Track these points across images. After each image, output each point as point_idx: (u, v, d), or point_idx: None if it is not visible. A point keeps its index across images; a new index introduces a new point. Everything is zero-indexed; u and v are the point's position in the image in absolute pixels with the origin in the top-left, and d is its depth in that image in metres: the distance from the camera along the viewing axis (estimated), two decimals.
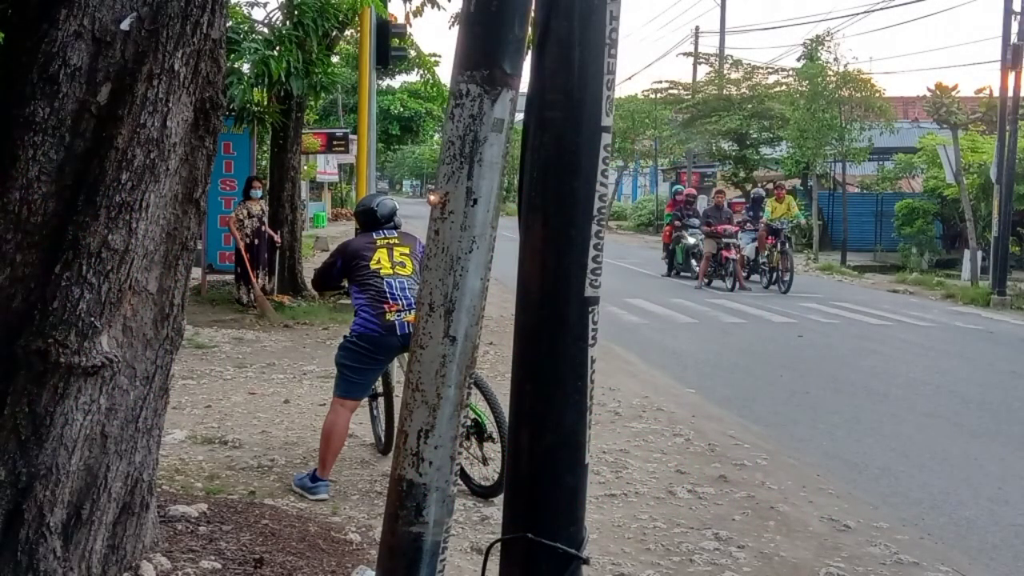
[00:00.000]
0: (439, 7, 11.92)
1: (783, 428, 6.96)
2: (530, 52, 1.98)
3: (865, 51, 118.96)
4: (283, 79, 10.70)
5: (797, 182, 27.65)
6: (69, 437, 3.04)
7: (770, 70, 30.77)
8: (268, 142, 14.61)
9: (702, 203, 21.92)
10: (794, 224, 17.67)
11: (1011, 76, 16.51)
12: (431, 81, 13.95)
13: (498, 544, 2.02)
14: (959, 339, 11.67)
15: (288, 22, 11.06)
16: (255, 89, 11.17)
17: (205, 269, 13.07)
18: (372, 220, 5.18)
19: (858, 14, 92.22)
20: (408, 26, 12.86)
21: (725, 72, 32.02)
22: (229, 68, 9.68)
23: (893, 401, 7.88)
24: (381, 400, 5.66)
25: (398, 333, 4.79)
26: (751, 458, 5.94)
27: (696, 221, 18.03)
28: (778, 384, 8.51)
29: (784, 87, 28.92)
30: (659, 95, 34.34)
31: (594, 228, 1.93)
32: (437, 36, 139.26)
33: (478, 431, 4.86)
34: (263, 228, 11.95)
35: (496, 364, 8.36)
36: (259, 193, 12.14)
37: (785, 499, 5.18)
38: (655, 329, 11.73)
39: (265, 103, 12.21)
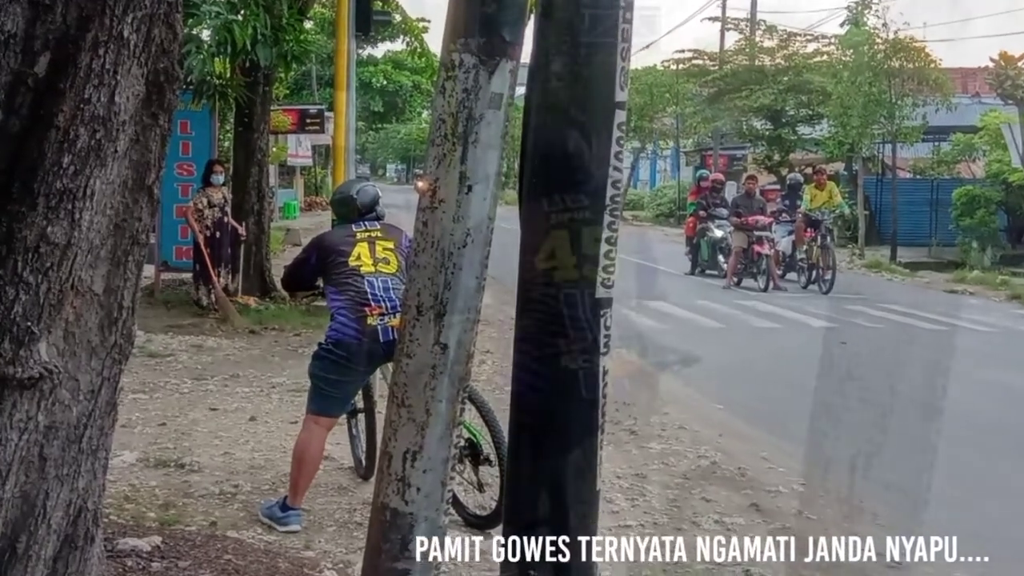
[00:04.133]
0: None
1: (822, 449, 6.96)
2: (532, 17, 1.98)
3: (918, 15, 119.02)
4: (248, 48, 10.69)
5: (840, 166, 27.68)
6: (2, 460, 3.04)
7: (809, 37, 30.93)
8: (231, 120, 14.62)
9: (731, 190, 21.95)
10: (836, 214, 17.68)
11: None
12: (419, 50, 14.00)
13: None
14: None
15: None
16: (216, 59, 11.18)
17: (159, 266, 13.07)
18: (351, 210, 5.19)
19: None
20: None
21: (757, 40, 32.07)
22: (187, 35, 9.69)
23: (950, 418, 7.85)
24: (362, 417, 5.67)
25: (381, 340, 4.79)
26: (786, 483, 5.96)
27: (724, 211, 18.05)
28: (817, 398, 8.51)
29: (825, 57, 28.99)
30: (681, 66, 34.39)
31: (607, 219, 1.94)
32: None
33: (473, 453, 4.87)
34: (225, 219, 11.95)
35: (493, 376, 8.37)
36: (221, 179, 12.15)
37: (825, 530, 5.19)
38: (677, 335, 11.74)
39: (228, 75, 12.21)
